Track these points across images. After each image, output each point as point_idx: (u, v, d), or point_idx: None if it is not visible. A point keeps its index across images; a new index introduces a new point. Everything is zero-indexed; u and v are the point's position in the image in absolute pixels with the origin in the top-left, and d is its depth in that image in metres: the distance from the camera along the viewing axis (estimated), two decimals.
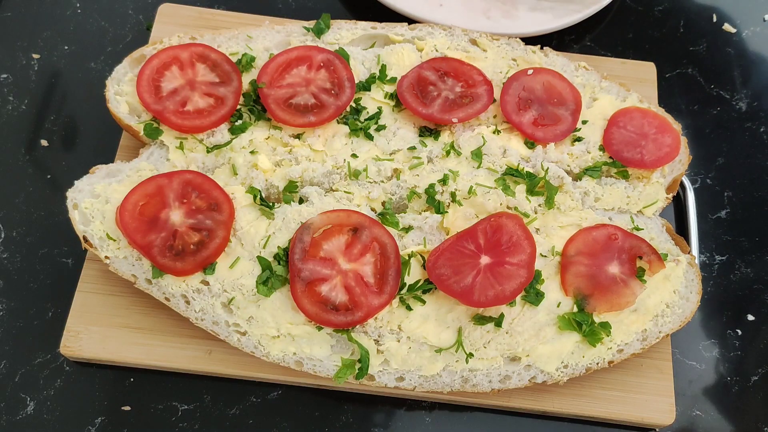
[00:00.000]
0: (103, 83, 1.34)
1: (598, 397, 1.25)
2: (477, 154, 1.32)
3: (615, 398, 1.25)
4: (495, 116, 1.38)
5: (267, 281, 1.18)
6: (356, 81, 1.36)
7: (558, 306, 1.21)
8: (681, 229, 1.43)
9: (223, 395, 1.27)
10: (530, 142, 1.34)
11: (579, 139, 1.36)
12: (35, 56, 1.54)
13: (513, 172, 1.30)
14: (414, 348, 1.18)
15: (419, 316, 1.19)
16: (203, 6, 1.59)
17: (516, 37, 1.46)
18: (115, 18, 1.60)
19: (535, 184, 1.28)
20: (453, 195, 1.27)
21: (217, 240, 1.18)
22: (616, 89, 1.41)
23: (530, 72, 1.38)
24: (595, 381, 1.26)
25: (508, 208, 1.26)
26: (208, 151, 1.29)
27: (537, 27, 1.56)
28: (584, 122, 1.37)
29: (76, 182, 1.25)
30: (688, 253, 1.29)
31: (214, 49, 1.36)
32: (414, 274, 1.21)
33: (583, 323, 1.19)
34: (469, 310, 1.19)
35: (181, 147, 1.29)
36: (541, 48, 1.45)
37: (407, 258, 1.21)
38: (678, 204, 1.44)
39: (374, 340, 1.18)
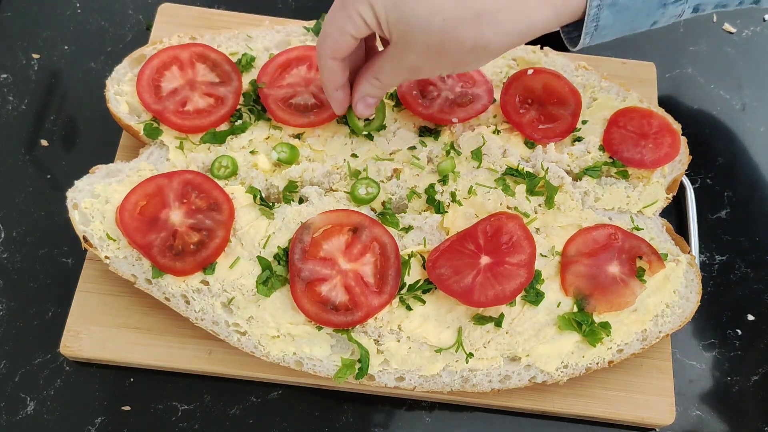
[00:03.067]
0: (103, 83, 1.34)
1: (599, 397, 1.25)
2: (477, 154, 1.32)
3: (615, 398, 1.25)
4: (495, 116, 1.38)
5: (267, 281, 1.18)
6: None
7: (558, 306, 1.21)
8: (681, 229, 1.43)
9: (223, 395, 1.26)
10: (530, 142, 1.34)
11: (579, 139, 1.36)
12: (35, 56, 1.54)
13: (513, 172, 1.30)
14: (414, 348, 1.18)
15: (419, 316, 1.19)
16: (203, 6, 1.59)
17: None
18: (115, 18, 1.60)
19: (535, 184, 1.28)
20: (453, 195, 1.27)
21: (217, 240, 1.18)
22: (616, 89, 1.41)
23: (530, 72, 1.37)
24: (595, 381, 1.25)
25: (508, 208, 1.26)
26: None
27: None
28: (584, 122, 1.37)
29: (76, 182, 1.25)
30: (688, 253, 1.29)
31: (214, 49, 1.36)
32: (414, 274, 1.21)
33: (583, 323, 1.19)
34: (469, 310, 1.19)
35: (181, 147, 1.29)
36: (541, 48, 1.45)
37: (407, 258, 1.21)
38: (678, 204, 1.44)
39: (374, 340, 1.18)
